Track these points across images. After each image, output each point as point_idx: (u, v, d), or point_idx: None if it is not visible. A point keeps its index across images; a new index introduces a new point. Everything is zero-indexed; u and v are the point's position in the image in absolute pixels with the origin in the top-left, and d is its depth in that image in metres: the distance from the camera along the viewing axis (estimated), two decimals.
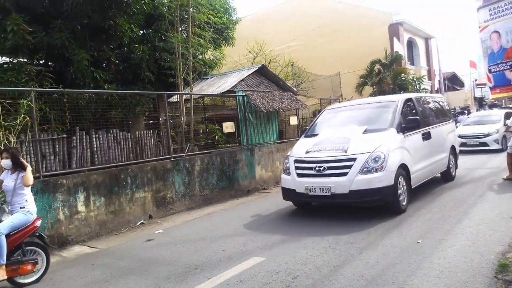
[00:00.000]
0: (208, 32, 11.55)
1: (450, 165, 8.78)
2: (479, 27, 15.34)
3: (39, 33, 9.11)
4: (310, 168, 6.39)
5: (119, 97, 9.42)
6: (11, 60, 9.33)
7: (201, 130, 11.88)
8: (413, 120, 6.96)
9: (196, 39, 11.08)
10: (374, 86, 20.42)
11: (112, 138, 8.03)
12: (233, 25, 14.66)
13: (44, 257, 4.88)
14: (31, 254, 4.80)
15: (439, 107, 9.23)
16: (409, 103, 7.63)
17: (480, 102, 39.95)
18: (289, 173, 6.79)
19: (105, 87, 10.07)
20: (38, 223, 4.88)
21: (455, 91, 39.17)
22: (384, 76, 20.17)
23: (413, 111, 7.59)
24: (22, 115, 6.45)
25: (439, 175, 8.63)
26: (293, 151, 7.11)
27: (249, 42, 19.35)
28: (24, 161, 4.99)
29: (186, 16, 11.04)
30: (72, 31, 9.60)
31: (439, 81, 28.80)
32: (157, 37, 12.05)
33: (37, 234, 4.91)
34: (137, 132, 8.68)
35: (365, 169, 5.97)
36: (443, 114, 9.20)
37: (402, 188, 6.35)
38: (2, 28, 8.64)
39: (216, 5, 14.13)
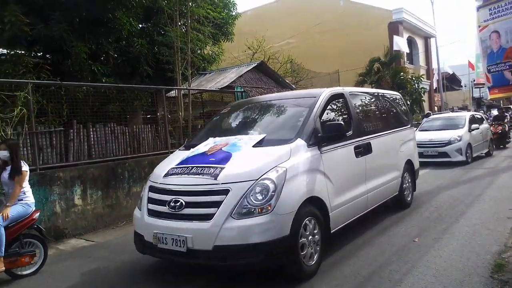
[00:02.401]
0: (207, 27, 11.48)
1: (404, 188, 6.50)
2: (479, 26, 15.24)
3: (37, 24, 9.03)
4: (163, 202, 4.00)
5: (117, 91, 9.36)
6: (8, 51, 9.24)
7: (199, 126, 11.84)
8: (335, 126, 4.60)
9: (195, 33, 11.01)
10: (373, 85, 20.44)
11: (110, 132, 8.00)
12: (232, 21, 14.57)
13: (42, 249, 4.86)
14: (29, 246, 4.77)
15: (392, 107, 6.84)
16: (337, 101, 5.27)
17: (478, 102, 40.12)
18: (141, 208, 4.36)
19: (103, 80, 10.01)
20: (36, 215, 4.86)
21: (454, 91, 39.29)
22: (383, 74, 20.18)
23: (344, 112, 5.29)
24: (19, 107, 6.42)
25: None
26: (154, 172, 4.62)
27: (248, 38, 19.31)
28: (21, 165, 4.78)
29: (185, 10, 10.96)
30: (70, 23, 9.52)
31: (437, 80, 28.82)
32: (155, 31, 11.97)
33: (35, 226, 4.89)
34: (134, 127, 8.64)
35: (242, 209, 3.64)
36: (397, 118, 6.81)
37: (309, 238, 3.99)
38: None
39: (216, 0, 14.06)
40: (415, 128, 8.47)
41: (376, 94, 6.66)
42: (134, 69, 11.55)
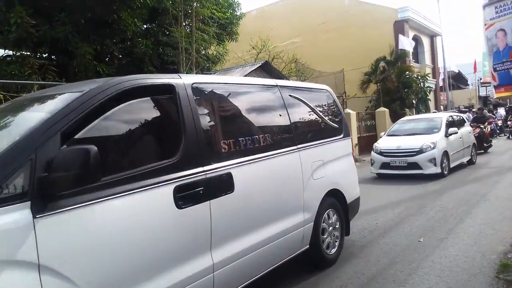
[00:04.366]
0: (211, 27, 11.52)
1: (322, 237, 4.13)
2: (485, 24, 15.07)
3: (43, 26, 9.10)
4: None
5: None
6: (14, 53, 9.33)
7: None
8: (72, 156, 1.97)
9: (199, 34, 11.04)
10: (378, 84, 20.35)
11: None
12: (237, 20, 14.58)
13: None
14: None
15: (306, 109, 4.27)
16: (149, 100, 2.75)
17: (485, 101, 39.84)
18: None
19: None
20: None
21: (460, 90, 39.06)
22: (389, 73, 20.10)
23: (163, 124, 2.85)
24: None
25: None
26: None
27: (252, 38, 19.31)
28: None
29: (190, 11, 11.00)
30: (76, 24, 9.58)
31: (443, 79, 28.63)
32: (160, 32, 12.02)
33: None
34: None
35: None
36: (314, 125, 4.37)
37: None
38: (5, 20, 8.63)
39: (220, 0, 14.09)
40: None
41: (269, 87, 3.94)
42: (139, 69, 11.59)
